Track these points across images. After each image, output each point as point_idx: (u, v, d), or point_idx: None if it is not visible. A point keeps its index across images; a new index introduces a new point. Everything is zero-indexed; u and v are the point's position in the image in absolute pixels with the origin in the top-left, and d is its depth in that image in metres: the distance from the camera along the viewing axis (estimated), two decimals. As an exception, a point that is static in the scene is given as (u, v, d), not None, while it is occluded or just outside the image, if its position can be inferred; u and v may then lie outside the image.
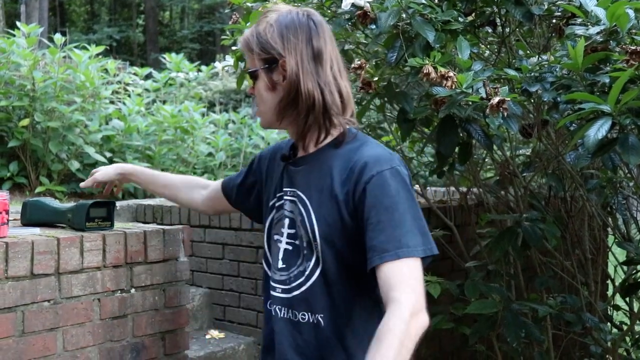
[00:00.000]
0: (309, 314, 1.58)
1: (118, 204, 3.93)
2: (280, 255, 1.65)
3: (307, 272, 1.58)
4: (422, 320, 1.41)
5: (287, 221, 1.64)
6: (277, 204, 1.70)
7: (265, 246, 1.74)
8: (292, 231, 1.63)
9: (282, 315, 1.62)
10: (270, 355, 1.67)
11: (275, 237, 1.68)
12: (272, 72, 1.60)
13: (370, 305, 1.58)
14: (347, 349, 1.56)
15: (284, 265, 1.63)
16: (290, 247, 1.63)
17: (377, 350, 1.34)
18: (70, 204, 2.38)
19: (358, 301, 1.58)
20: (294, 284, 1.60)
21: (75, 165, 5.34)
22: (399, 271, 1.43)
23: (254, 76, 1.63)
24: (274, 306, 1.65)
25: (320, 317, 1.56)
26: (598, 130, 1.76)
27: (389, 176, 1.50)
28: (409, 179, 1.56)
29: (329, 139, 1.62)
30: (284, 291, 1.62)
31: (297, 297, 1.59)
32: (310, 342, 1.58)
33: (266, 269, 1.73)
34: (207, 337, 3.40)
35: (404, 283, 1.42)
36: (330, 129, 1.61)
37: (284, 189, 1.67)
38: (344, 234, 1.54)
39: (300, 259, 1.60)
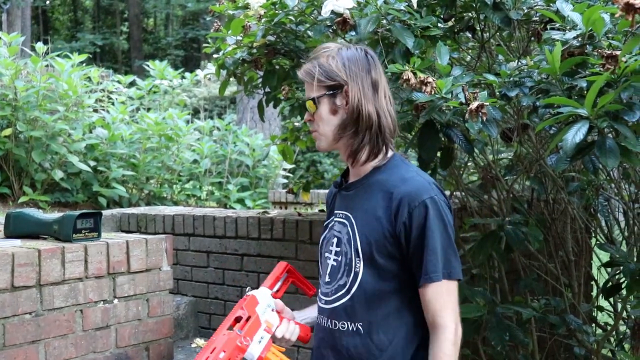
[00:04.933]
0: (349, 322, 1.78)
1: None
2: (328, 270, 1.85)
3: (347, 286, 1.78)
4: (460, 334, 1.71)
5: (335, 240, 1.84)
6: (329, 224, 1.91)
7: (319, 262, 1.93)
8: (338, 249, 1.83)
9: (324, 324, 1.84)
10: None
11: (325, 254, 1.88)
12: (335, 97, 1.79)
13: (397, 307, 1.77)
14: (382, 349, 1.75)
15: (329, 280, 1.84)
16: (334, 263, 1.83)
17: None
18: (55, 214, 2.37)
19: (390, 308, 1.76)
20: (334, 296, 1.81)
21: (59, 174, 5.31)
22: (440, 294, 1.70)
23: (316, 102, 1.81)
24: (320, 316, 1.86)
25: (360, 325, 1.76)
26: (575, 134, 1.77)
27: (428, 205, 1.71)
28: (447, 205, 1.76)
29: (375, 162, 1.82)
30: (326, 302, 1.83)
31: (337, 308, 1.79)
32: (349, 347, 1.78)
33: (319, 283, 1.91)
34: (193, 345, 3.39)
35: (445, 306, 1.70)
36: (379, 150, 1.80)
37: (336, 211, 1.89)
38: (384, 252, 1.73)
39: (341, 273, 1.80)
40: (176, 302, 3.52)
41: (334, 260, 1.83)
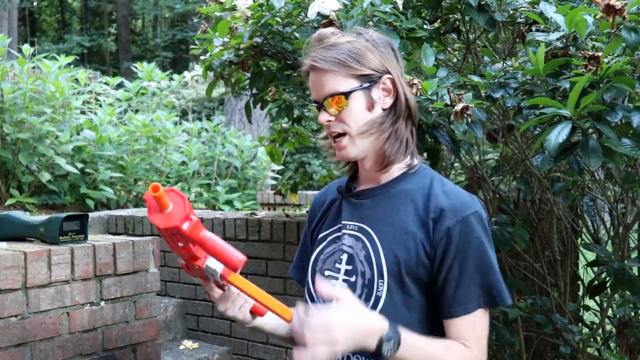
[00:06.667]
0: (363, 357, 1.47)
1: (89, 215, 3.91)
2: None
3: None
4: None
5: (345, 256, 1.53)
6: (330, 237, 1.59)
7: (310, 281, 1.62)
8: (350, 267, 1.52)
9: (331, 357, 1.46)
10: None
11: (327, 273, 1.56)
12: (371, 90, 1.49)
13: None
14: None
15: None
16: (345, 285, 1.51)
17: (437, 352, 1.40)
18: (42, 217, 2.36)
19: None
20: None
21: (46, 176, 5.29)
22: (472, 324, 1.45)
23: (346, 97, 1.47)
24: None
25: None
26: (559, 134, 1.79)
27: (473, 222, 1.45)
28: (489, 222, 1.52)
29: (400, 168, 1.55)
30: None
31: None
32: None
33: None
34: (181, 347, 3.39)
35: (475, 338, 1.45)
36: (412, 150, 1.55)
37: (344, 222, 1.57)
38: (414, 274, 1.46)
39: (356, 297, 1.47)
40: (164, 304, 3.51)
41: (344, 280, 1.51)
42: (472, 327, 1.46)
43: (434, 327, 1.49)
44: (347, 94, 1.47)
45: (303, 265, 1.74)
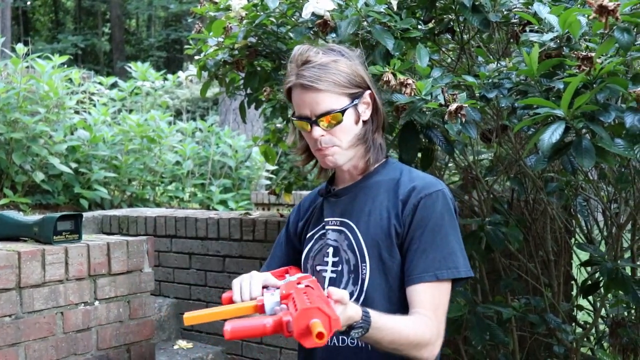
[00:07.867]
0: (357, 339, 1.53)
1: (83, 215, 3.90)
2: (326, 284, 1.66)
3: (355, 295, 1.61)
4: (430, 353, 1.52)
5: (330, 250, 1.68)
6: (316, 235, 1.74)
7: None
8: (336, 258, 1.67)
9: (328, 343, 1.55)
10: None
11: (318, 267, 1.70)
12: (358, 105, 1.65)
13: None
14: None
15: None
16: (333, 275, 1.66)
17: (404, 329, 1.47)
18: (36, 217, 2.36)
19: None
20: None
21: (39, 176, 5.28)
22: (431, 295, 1.55)
23: (342, 114, 1.61)
24: None
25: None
26: (552, 134, 1.79)
27: (435, 198, 1.60)
28: (453, 203, 1.65)
29: (372, 168, 1.71)
30: None
31: None
32: None
33: None
34: (175, 347, 3.39)
35: (432, 308, 1.54)
36: (383, 154, 1.72)
37: (326, 219, 1.72)
38: (391, 251, 1.60)
39: (344, 283, 1.64)
40: (158, 303, 3.51)
41: (332, 271, 1.66)
42: (431, 297, 1.55)
43: None
44: (343, 112, 1.62)
45: (270, 264, 1.86)
